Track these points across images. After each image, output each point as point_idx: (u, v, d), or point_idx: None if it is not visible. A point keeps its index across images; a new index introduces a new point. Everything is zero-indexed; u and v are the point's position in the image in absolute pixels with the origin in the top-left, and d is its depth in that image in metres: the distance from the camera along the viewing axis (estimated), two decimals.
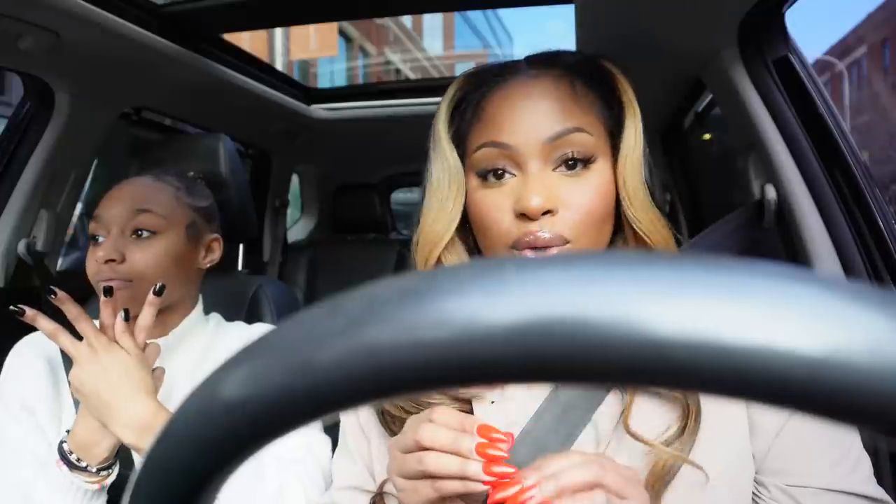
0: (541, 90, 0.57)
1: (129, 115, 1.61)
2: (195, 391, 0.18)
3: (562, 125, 0.55)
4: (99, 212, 0.92)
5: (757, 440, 0.55)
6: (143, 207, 0.92)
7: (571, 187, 0.56)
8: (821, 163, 0.91)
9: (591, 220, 0.56)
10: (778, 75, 0.94)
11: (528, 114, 0.56)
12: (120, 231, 0.91)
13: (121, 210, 0.91)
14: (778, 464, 0.55)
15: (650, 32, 1.01)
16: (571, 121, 0.56)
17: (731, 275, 0.14)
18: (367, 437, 0.66)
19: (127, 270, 0.89)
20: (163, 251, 0.92)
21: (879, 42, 21.41)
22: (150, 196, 0.94)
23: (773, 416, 0.55)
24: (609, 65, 0.62)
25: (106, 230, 0.91)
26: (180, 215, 0.95)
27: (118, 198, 0.93)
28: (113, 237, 0.90)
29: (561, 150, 0.56)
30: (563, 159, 0.56)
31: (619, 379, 0.14)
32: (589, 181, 0.56)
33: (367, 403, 0.16)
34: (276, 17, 1.57)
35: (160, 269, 0.91)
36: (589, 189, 0.56)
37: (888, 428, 0.13)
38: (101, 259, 0.88)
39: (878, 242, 0.87)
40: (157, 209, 0.93)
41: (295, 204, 2.67)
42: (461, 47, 23.83)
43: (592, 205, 0.56)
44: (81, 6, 1.03)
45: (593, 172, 0.56)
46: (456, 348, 0.14)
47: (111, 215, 0.91)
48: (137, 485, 0.19)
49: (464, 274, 0.15)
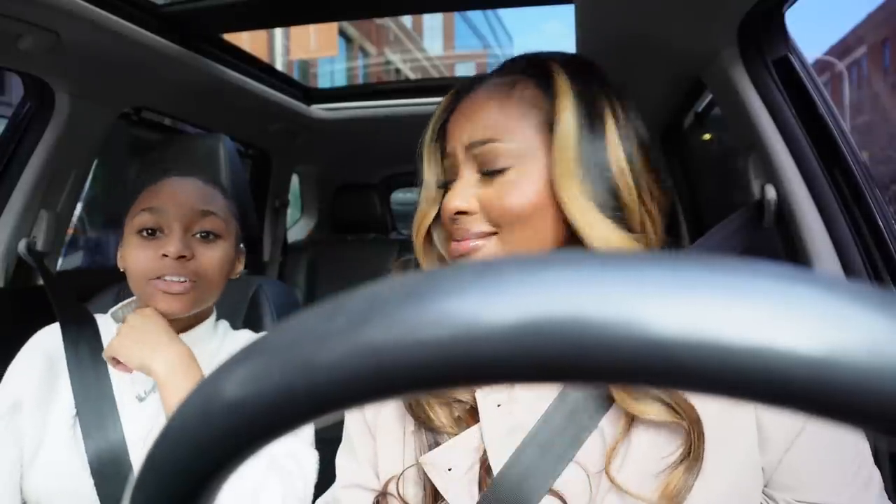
0: (476, 102, 0.62)
1: (129, 115, 1.61)
2: (195, 391, 0.18)
3: (477, 136, 0.60)
4: (157, 204, 0.89)
5: (766, 454, 0.54)
6: (210, 210, 0.91)
7: (489, 189, 0.60)
8: (821, 163, 0.90)
9: (510, 218, 0.58)
10: (778, 75, 0.94)
11: (458, 127, 0.62)
12: (185, 229, 0.89)
13: (187, 208, 0.89)
14: (788, 478, 0.54)
15: (650, 32, 1.01)
16: (490, 130, 0.59)
17: (731, 275, 0.14)
18: (373, 434, 0.65)
19: (195, 269, 0.88)
20: (224, 255, 0.92)
21: (879, 42, 21.41)
22: (212, 198, 0.93)
23: (783, 430, 0.54)
24: (553, 65, 0.61)
25: (167, 226, 0.88)
26: (233, 223, 0.96)
27: (181, 194, 0.91)
28: (177, 234, 0.87)
29: (480, 156, 0.60)
30: (481, 164, 0.60)
31: (620, 379, 0.14)
32: (506, 184, 0.59)
33: (367, 403, 0.16)
34: (276, 17, 1.57)
35: (220, 273, 0.91)
36: (506, 191, 0.59)
37: (888, 428, 0.13)
38: (174, 254, 0.85)
39: (878, 242, 0.87)
40: (221, 213, 0.93)
41: (295, 204, 2.67)
42: (461, 47, 23.84)
43: (508, 205, 0.58)
44: (81, 6, 1.03)
45: (508, 177, 0.59)
46: (457, 348, 0.14)
47: (176, 211, 0.89)
48: (137, 485, 0.19)
49: (465, 274, 0.15)
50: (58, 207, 1.35)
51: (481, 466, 0.58)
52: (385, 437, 0.64)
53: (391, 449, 0.63)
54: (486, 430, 0.58)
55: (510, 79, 0.62)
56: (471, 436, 0.59)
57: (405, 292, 0.15)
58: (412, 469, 0.61)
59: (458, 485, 0.57)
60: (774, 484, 0.55)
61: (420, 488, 0.60)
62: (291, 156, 2.35)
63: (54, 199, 1.34)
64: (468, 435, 0.59)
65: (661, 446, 0.54)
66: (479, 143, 0.60)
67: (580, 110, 0.58)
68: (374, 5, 1.55)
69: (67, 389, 0.90)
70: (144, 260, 0.87)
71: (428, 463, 0.59)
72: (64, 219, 1.39)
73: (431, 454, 0.59)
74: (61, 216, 1.37)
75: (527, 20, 76.39)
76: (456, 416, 0.61)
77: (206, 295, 0.92)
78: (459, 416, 0.61)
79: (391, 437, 0.64)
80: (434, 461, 0.59)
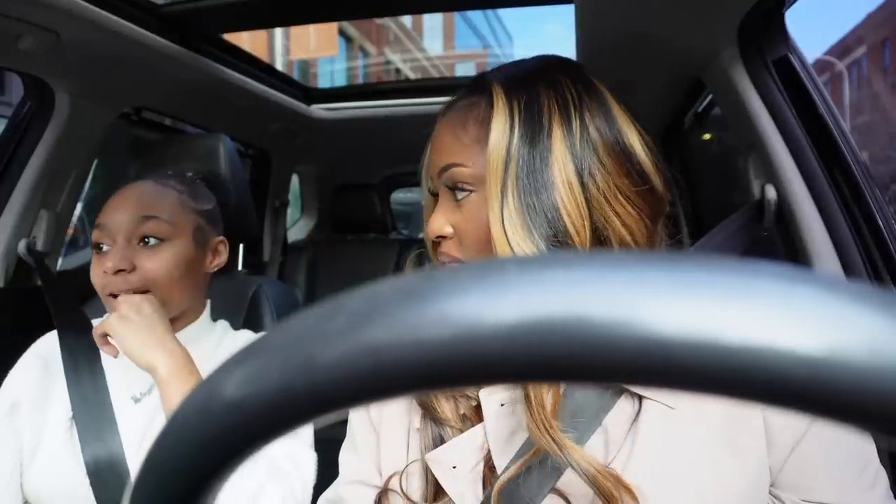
0: (440, 130, 0.62)
1: (129, 115, 1.61)
2: (195, 390, 0.18)
3: (444, 160, 0.60)
4: (102, 219, 0.89)
5: (773, 453, 0.54)
6: (149, 214, 0.89)
7: (458, 215, 0.60)
8: (821, 163, 0.90)
9: (476, 245, 0.58)
10: (778, 75, 0.94)
11: (430, 151, 0.63)
12: (126, 239, 0.88)
13: (126, 217, 0.88)
14: (794, 478, 0.54)
15: (650, 33, 1.01)
16: (450, 156, 0.59)
17: (731, 275, 0.14)
18: (377, 430, 0.66)
19: (138, 280, 0.86)
20: (172, 258, 0.89)
21: (879, 42, 21.41)
22: (155, 201, 0.91)
23: (789, 430, 0.54)
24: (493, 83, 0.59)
25: (111, 238, 0.88)
26: (186, 220, 0.93)
27: (122, 204, 0.90)
28: (119, 246, 0.87)
29: (448, 181, 0.60)
30: (451, 189, 0.60)
31: (620, 379, 0.14)
32: (467, 209, 0.59)
33: (367, 403, 0.16)
34: (276, 17, 1.57)
35: (171, 276, 0.89)
36: (468, 217, 0.59)
37: (888, 428, 0.13)
38: (111, 269, 0.85)
39: (878, 242, 0.87)
40: (164, 215, 0.90)
41: (295, 204, 2.67)
42: (461, 47, 23.85)
43: (471, 232, 0.58)
44: (81, 6, 1.03)
45: (472, 201, 0.59)
46: (457, 348, 0.14)
47: (116, 223, 0.88)
48: (137, 485, 0.19)
49: (465, 274, 0.15)
50: (58, 207, 1.35)
51: (485, 465, 0.58)
52: (389, 433, 0.64)
53: (395, 445, 0.64)
54: (489, 430, 0.58)
55: (469, 101, 0.61)
56: (475, 434, 0.59)
57: (406, 292, 0.15)
58: (415, 465, 0.61)
59: (463, 483, 0.58)
60: (780, 484, 0.55)
61: (423, 485, 0.60)
62: (291, 156, 2.35)
63: (54, 199, 1.35)
64: (473, 433, 0.59)
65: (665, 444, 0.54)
66: (445, 168, 0.60)
67: (517, 126, 0.55)
68: (374, 5, 1.55)
69: (64, 392, 0.90)
70: (96, 277, 0.87)
71: (433, 460, 0.59)
72: (64, 219, 1.39)
73: (436, 452, 0.59)
74: (61, 216, 1.37)
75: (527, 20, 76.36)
76: (461, 413, 0.61)
77: (169, 299, 0.89)
78: (465, 413, 0.61)
79: (395, 433, 0.64)
80: (439, 459, 0.59)
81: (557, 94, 0.57)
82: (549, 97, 0.57)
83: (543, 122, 0.56)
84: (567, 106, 0.56)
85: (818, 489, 0.54)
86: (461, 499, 0.57)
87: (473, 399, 0.61)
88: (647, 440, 0.54)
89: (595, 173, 0.55)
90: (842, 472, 0.54)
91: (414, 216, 6.36)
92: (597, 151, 0.56)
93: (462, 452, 0.59)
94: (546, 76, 0.59)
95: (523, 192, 0.54)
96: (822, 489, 0.54)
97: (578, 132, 0.56)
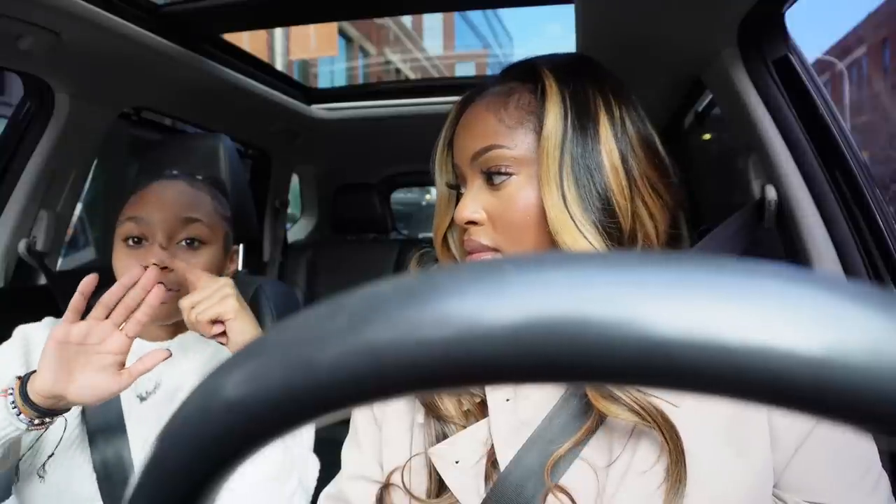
0: (475, 113, 0.63)
1: (129, 115, 1.61)
2: (196, 390, 0.18)
3: (481, 143, 0.60)
4: (140, 213, 0.89)
5: (777, 454, 0.54)
6: (193, 216, 0.90)
7: (494, 199, 0.60)
8: (821, 163, 0.90)
9: (512, 230, 0.59)
10: (778, 75, 0.94)
11: (462, 135, 0.63)
12: (168, 238, 0.88)
13: (170, 216, 0.89)
14: (797, 479, 0.54)
15: (650, 33, 1.01)
16: (490, 138, 0.60)
17: (731, 275, 0.14)
18: (379, 425, 0.66)
19: (175, 280, 0.86)
20: (209, 262, 0.90)
21: (879, 42, 21.41)
22: (197, 204, 0.92)
23: (793, 432, 0.54)
24: (543, 69, 0.61)
25: (151, 235, 0.88)
26: (220, 225, 0.95)
27: (163, 203, 0.90)
28: (160, 244, 0.87)
29: (484, 165, 0.60)
30: (487, 174, 0.60)
31: (619, 379, 0.14)
32: (507, 193, 0.59)
33: (367, 403, 0.16)
34: (276, 17, 1.57)
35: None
36: (506, 201, 0.59)
37: (888, 428, 0.13)
38: (158, 266, 0.84)
39: (878, 242, 0.86)
40: (205, 219, 0.91)
41: (295, 204, 2.67)
42: (461, 47, 23.86)
43: (509, 216, 0.59)
44: (81, 6, 1.03)
45: (512, 184, 0.59)
46: (458, 348, 0.14)
47: (159, 220, 0.88)
48: (137, 485, 0.19)
49: (465, 274, 0.15)
50: (58, 207, 1.35)
51: (488, 460, 0.58)
52: (391, 429, 0.65)
53: (397, 440, 0.64)
54: (493, 425, 0.59)
55: (507, 87, 0.62)
56: (479, 429, 0.60)
57: (406, 292, 0.15)
58: (418, 460, 0.61)
59: (465, 478, 0.58)
60: (783, 484, 0.55)
61: (425, 479, 0.60)
62: (291, 156, 2.35)
63: (54, 199, 1.35)
64: (476, 428, 0.60)
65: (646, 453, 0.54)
66: (483, 150, 0.60)
67: (570, 112, 0.58)
68: (374, 5, 1.55)
69: None
70: (130, 269, 0.86)
71: (436, 455, 0.59)
72: (64, 219, 1.39)
73: (439, 446, 0.60)
74: (61, 216, 1.37)
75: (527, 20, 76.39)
76: (465, 408, 0.61)
77: None
78: (469, 409, 0.62)
79: (398, 428, 0.64)
80: (442, 453, 0.59)
81: (600, 86, 0.60)
82: (593, 88, 0.60)
83: (591, 110, 0.59)
84: (608, 99, 0.60)
85: (821, 490, 0.54)
86: (463, 493, 0.57)
87: (478, 395, 0.61)
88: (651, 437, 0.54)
89: (631, 161, 0.59)
90: (844, 474, 0.54)
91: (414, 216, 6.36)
92: (631, 142, 0.59)
93: (465, 447, 0.59)
94: (587, 69, 0.62)
95: (579, 174, 0.57)
96: (825, 491, 0.54)
97: (620, 123, 0.59)
